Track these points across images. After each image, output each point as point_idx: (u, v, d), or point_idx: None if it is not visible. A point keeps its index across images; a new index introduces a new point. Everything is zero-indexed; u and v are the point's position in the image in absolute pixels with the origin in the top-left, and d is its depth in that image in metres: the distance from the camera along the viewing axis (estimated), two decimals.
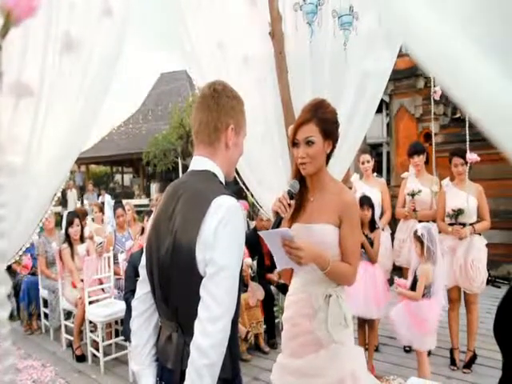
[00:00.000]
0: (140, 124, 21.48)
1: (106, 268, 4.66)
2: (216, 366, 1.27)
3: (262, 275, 4.79)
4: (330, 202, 1.85)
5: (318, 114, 1.82)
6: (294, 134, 1.85)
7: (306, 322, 1.88)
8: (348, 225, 1.82)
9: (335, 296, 1.84)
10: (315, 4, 2.34)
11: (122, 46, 2.32)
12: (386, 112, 9.68)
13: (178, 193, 1.46)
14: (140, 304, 1.58)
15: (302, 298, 1.91)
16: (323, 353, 1.84)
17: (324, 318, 1.82)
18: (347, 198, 1.86)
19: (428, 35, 0.47)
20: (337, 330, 1.82)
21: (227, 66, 3.16)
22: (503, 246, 6.39)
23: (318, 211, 1.87)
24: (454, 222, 3.83)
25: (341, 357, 1.84)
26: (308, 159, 1.82)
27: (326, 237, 1.83)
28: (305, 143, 1.82)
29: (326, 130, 1.82)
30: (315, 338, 1.85)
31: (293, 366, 1.93)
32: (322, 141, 1.82)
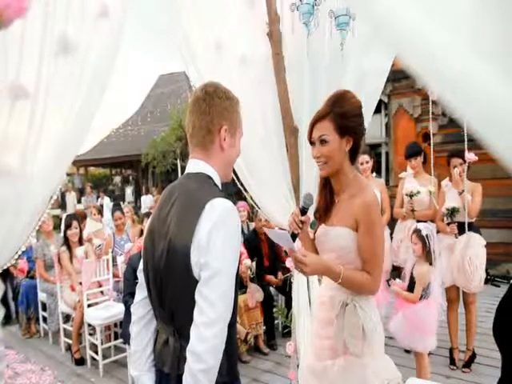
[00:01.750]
0: (139, 126, 21.47)
1: (104, 270, 4.65)
2: (212, 370, 1.26)
3: (262, 276, 4.78)
4: (348, 204, 1.75)
5: (334, 108, 1.70)
6: (311, 131, 1.76)
7: (326, 326, 1.83)
8: (364, 228, 1.69)
9: (352, 305, 1.73)
10: (311, 4, 2.33)
11: (119, 48, 2.31)
12: (384, 112, 9.67)
13: (173, 196, 1.45)
14: (139, 309, 1.57)
15: (325, 302, 1.86)
16: (338, 363, 1.77)
17: (341, 326, 1.74)
18: (365, 199, 1.70)
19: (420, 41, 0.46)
20: (352, 342, 1.71)
21: (225, 66, 3.15)
22: (502, 244, 6.39)
23: (338, 214, 1.79)
24: (451, 221, 3.83)
25: (353, 371, 1.74)
26: (323, 159, 1.73)
27: (341, 241, 1.74)
28: (319, 142, 1.73)
29: (343, 125, 1.70)
30: (334, 345, 1.79)
31: (317, 368, 1.88)
32: (338, 138, 1.71)
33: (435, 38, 0.45)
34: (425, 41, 0.46)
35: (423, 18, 0.45)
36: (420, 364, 3.18)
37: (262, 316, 4.47)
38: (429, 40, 0.46)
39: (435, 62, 0.46)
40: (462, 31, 0.45)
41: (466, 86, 0.44)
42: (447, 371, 3.78)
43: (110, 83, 2.26)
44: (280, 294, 4.97)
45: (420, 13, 0.46)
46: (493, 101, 0.42)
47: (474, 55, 0.44)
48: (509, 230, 6.81)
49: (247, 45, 3.24)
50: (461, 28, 0.45)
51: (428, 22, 0.46)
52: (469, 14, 0.44)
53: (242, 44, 3.22)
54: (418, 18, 0.46)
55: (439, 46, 0.45)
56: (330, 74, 2.91)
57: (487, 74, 0.43)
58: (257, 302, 4.39)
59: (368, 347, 1.73)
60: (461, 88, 0.44)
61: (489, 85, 0.42)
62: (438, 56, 0.45)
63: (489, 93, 0.42)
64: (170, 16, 2.93)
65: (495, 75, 0.42)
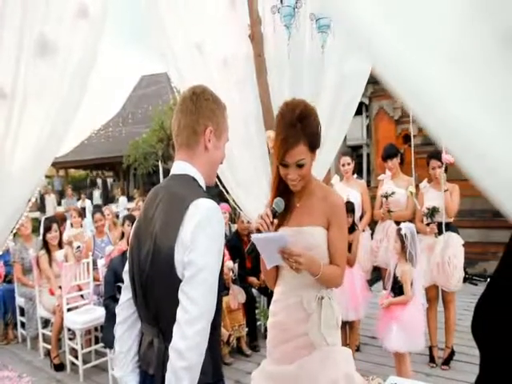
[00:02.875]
0: (120, 127, 21.23)
1: (85, 274, 4.57)
2: (194, 368, 1.26)
3: (244, 278, 4.78)
4: (318, 206, 1.84)
5: (304, 129, 1.71)
6: (283, 156, 1.74)
7: (298, 325, 1.86)
8: (336, 227, 1.82)
9: (327, 298, 1.84)
10: (292, 7, 2.34)
11: (99, 48, 2.29)
12: (365, 114, 9.78)
13: (158, 197, 1.46)
14: (124, 310, 1.56)
15: (294, 302, 1.88)
16: (316, 355, 1.82)
17: (317, 321, 1.82)
18: (335, 201, 1.85)
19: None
20: (329, 333, 1.83)
21: (207, 67, 3.15)
22: (480, 244, 6.52)
23: (307, 215, 1.85)
24: (431, 221, 3.90)
25: (334, 358, 1.83)
26: (299, 178, 1.79)
27: (315, 239, 1.82)
28: (295, 166, 1.75)
29: (313, 143, 1.76)
30: (308, 342, 1.84)
31: (284, 373, 1.89)
32: (310, 156, 1.77)
33: (409, 54, 0.46)
34: (398, 55, 0.47)
35: (400, 32, 0.46)
36: (401, 363, 3.22)
37: (244, 318, 4.47)
38: (404, 56, 0.46)
39: (408, 80, 0.47)
40: (439, 49, 0.46)
41: (430, 98, 0.45)
42: (427, 369, 3.83)
43: (90, 84, 2.23)
44: (262, 296, 4.97)
45: (397, 27, 0.47)
46: (467, 125, 0.43)
47: (452, 71, 0.45)
48: (486, 229, 6.96)
49: (229, 46, 3.25)
50: (438, 46, 0.46)
51: (404, 37, 0.47)
52: (447, 31, 0.45)
53: (224, 45, 3.23)
54: (394, 32, 0.47)
55: (414, 64, 0.46)
56: (311, 76, 2.93)
57: (463, 95, 0.44)
58: (239, 303, 4.39)
59: (338, 335, 1.90)
60: (431, 103, 0.45)
61: (465, 102, 0.43)
62: (412, 75, 0.46)
63: (464, 112, 0.43)
64: (152, 17, 2.92)
65: (472, 97, 0.43)
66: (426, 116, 0.48)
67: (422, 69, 0.46)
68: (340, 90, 3.11)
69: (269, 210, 1.78)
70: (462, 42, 0.44)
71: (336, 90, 3.10)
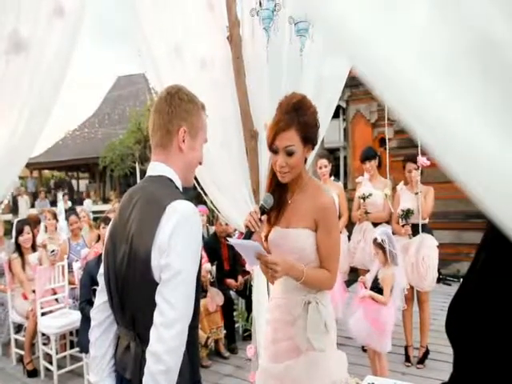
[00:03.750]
0: (96, 128, 20.94)
1: (59, 277, 4.48)
2: (172, 371, 1.25)
3: (222, 280, 4.77)
4: (307, 206, 1.80)
5: (298, 117, 1.70)
6: (273, 139, 1.74)
7: (285, 327, 1.85)
8: (324, 228, 1.77)
9: (314, 303, 1.79)
10: (271, 10, 2.36)
11: (75, 48, 2.24)
12: (342, 117, 9.89)
13: (134, 199, 1.44)
14: (99, 314, 1.54)
15: (282, 305, 1.88)
16: (301, 360, 1.80)
17: (303, 326, 1.78)
18: (323, 201, 1.78)
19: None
20: (316, 338, 1.77)
21: (185, 69, 3.13)
22: (453, 245, 6.68)
23: (296, 215, 1.82)
24: (405, 222, 3.97)
25: (319, 365, 1.80)
26: (287, 168, 1.75)
27: (301, 242, 1.79)
28: (285, 152, 1.73)
29: (307, 136, 1.73)
30: (294, 345, 1.82)
31: (274, 371, 1.89)
32: (301, 148, 1.74)
33: (381, 49, 0.47)
34: (373, 51, 0.48)
35: (373, 27, 0.47)
36: (377, 362, 3.27)
37: (222, 320, 4.46)
38: (375, 51, 0.47)
39: (384, 72, 0.47)
40: (413, 48, 0.47)
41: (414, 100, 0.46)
42: (403, 368, 3.91)
43: (64, 85, 2.18)
44: (240, 298, 4.97)
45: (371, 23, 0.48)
46: (448, 125, 0.44)
47: (421, 70, 0.46)
48: (459, 231, 7.13)
49: (207, 48, 3.24)
50: (412, 45, 0.47)
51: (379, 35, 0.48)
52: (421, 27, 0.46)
53: (202, 47, 3.21)
54: (369, 27, 0.48)
55: (386, 58, 0.47)
56: (289, 79, 2.95)
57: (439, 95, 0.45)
58: (217, 305, 4.37)
59: (329, 340, 1.83)
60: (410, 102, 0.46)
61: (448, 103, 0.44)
62: (385, 66, 0.47)
63: (447, 114, 0.44)
64: (129, 17, 2.89)
65: (448, 97, 0.44)
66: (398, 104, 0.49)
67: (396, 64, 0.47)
68: (318, 93, 3.13)
69: (257, 207, 1.79)
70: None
71: (314, 92, 3.12)
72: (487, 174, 0.42)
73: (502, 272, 0.82)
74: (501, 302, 0.81)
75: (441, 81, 0.44)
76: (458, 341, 0.96)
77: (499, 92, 0.41)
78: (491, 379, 0.85)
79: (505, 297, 0.81)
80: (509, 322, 0.80)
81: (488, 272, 0.87)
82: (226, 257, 4.94)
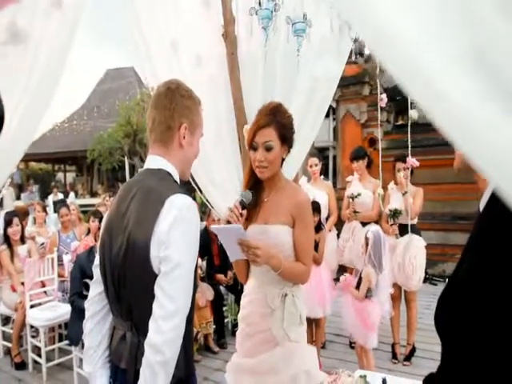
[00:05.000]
0: (84, 121, 20.70)
1: (49, 270, 4.46)
2: (170, 363, 1.28)
3: (212, 276, 4.80)
4: (284, 203, 1.89)
5: (276, 118, 1.84)
6: (253, 136, 1.86)
7: (261, 320, 1.91)
8: (301, 225, 1.87)
9: (291, 295, 1.89)
10: (271, 10, 2.39)
11: (73, 40, 2.24)
12: (332, 117, 9.95)
13: (132, 192, 1.46)
14: (93, 305, 1.56)
15: (258, 298, 1.94)
16: (278, 351, 1.87)
17: (280, 317, 1.86)
18: (300, 199, 1.91)
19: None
20: (292, 329, 1.87)
21: (180, 64, 3.15)
22: (439, 246, 6.78)
23: (273, 212, 1.90)
24: (393, 222, 4.04)
25: (295, 355, 1.88)
26: (266, 163, 1.85)
27: (281, 237, 1.87)
28: (264, 148, 1.83)
29: (284, 135, 1.85)
30: (270, 337, 1.89)
31: (248, 365, 1.96)
32: (279, 146, 1.85)
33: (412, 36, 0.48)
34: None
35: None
36: (364, 359, 3.33)
37: (211, 315, 4.48)
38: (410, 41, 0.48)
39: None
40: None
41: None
42: (389, 365, 3.98)
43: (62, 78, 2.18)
44: (230, 293, 5.00)
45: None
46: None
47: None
48: (445, 232, 7.24)
49: (202, 44, 3.26)
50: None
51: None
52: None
53: (198, 44, 3.23)
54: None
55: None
56: (284, 77, 2.98)
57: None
58: (207, 301, 4.40)
59: (303, 332, 1.95)
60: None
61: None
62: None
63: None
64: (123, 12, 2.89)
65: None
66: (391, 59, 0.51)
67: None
68: (312, 92, 3.18)
69: (237, 202, 1.84)
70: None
71: (308, 92, 3.16)
72: (482, 139, 0.45)
73: (488, 268, 0.86)
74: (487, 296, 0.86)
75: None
76: (445, 332, 1.01)
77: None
78: (477, 369, 0.89)
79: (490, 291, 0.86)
80: (494, 315, 0.85)
81: (475, 268, 0.91)
82: (217, 252, 4.96)
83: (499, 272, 0.84)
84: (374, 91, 7.86)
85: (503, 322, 0.84)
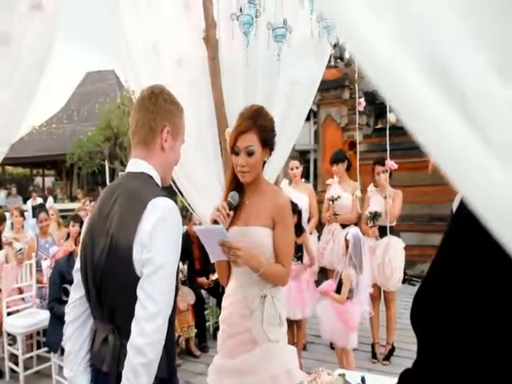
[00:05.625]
0: (64, 124, 20.40)
1: (27, 276, 4.38)
2: (153, 364, 1.29)
3: (193, 279, 4.79)
4: (265, 206, 1.91)
5: (258, 122, 1.86)
6: (235, 141, 1.88)
7: (242, 321, 1.94)
8: (281, 227, 1.90)
9: (270, 297, 1.91)
10: (252, 16, 2.42)
11: (53, 42, 2.23)
12: (313, 120, 10.05)
13: (114, 195, 1.46)
14: (74, 309, 1.55)
15: (239, 299, 1.96)
16: (258, 351, 1.89)
17: (260, 318, 1.89)
18: (280, 201, 1.94)
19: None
20: (272, 330, 1.90)
21: (161, 67, 3.15)
22: (418, 247, 6.88)
23: (254, 214, 1.93)
24: (373, 224, 4.11)
25: (275, 355, 1.90)
26: (247, 168, 1.87)
27: (261, 239, 1.90)
28: (245, 152, 1.85)
29: (265, 138, 1.87)
30: (251, 337, 1.91)
31: (228, 366, 1.97)
32: (260, 150, 1.87)
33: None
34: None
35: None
36: (343, 360, 3.37)
37: (193, 319, 4.47)
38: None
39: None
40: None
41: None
42: (369, 364, 4.03)
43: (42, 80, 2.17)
44: (211, 297, 4.99)
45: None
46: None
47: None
48: (424, 233, 7.37)
49: (183, 48, 3.27)
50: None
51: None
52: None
53: (178, 47, 3.24)
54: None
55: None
56: (265, 82, 3.02)
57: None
58: (188, 304, 4.39)
59: (283, 332, 1.97)
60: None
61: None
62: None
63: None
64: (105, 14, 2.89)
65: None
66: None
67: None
68: (292, 96, 3.22)
69: (225, 203, 1.87)
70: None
71: (289, 96, 3.20)
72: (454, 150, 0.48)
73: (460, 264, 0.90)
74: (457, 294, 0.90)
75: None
76: (420, 330, 1.05)
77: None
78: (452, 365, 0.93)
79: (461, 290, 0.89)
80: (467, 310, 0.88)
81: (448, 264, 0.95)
82: (198, 256, 4.95)
83: (469, 271, 0.88)
84: (354, 95, 7.94)
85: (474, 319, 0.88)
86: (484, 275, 0.86)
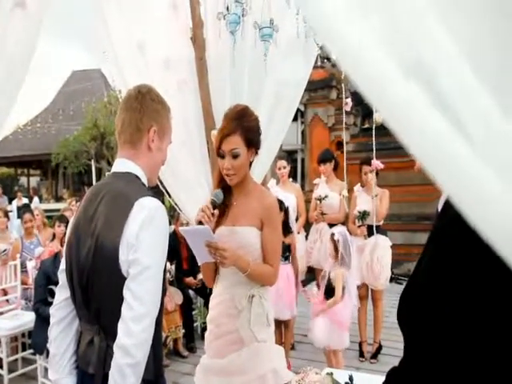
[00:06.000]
0: (49, 123, 20.14)
1: (11, 277, 4.32)
2: (140, 365, 1.28)
3: (180, 279, 4.77)
4: (253, 206, 1.91)
5: (242, 123, 1.85)
6: (220, 144, 1.87)
7: (229, 321, 1.93)
8: (269, 227, 1.90)
9: (258, 296, 1.91)
10: (239, 15, 2.41)
11: (38, 40, 2.20)
12: (301, 120, 10.08)
13: (100, 195, 1.45)
14: (59, 310, 1.53)
15: (226, 299, 1.96)
16: (245, 351, 1.89)
17: (247, 318, 1.89)
18: (269, 202, 1.94)
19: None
20: (259, 330, 1.90)
21: (148, 67, 3.13)
22: (405, 246, 6.94)
23: (241, 215, 1.93)
24: (362, 223, 4.14)
25: (262, 355, 1.90)
26: (233, 171, 1.86)
27: (249, 239, 1.90)
28: (230, 155, 1.84)
29: (250, 139, 1.86)
30: (238, 337, 1.91)
31: (216, 366, 1.97)
32: (246, 151, 1.86)
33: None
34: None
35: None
36: (332, 359, 3.39)
37: (181, 319, 4.45)
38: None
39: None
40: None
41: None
42: (357, 363, 4.06)
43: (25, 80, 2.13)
44: (199, 297, 4.98)
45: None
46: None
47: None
48: (411, 232, 7.44)
49: (170, 48, 3.25)
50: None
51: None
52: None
53: (165, 47, 3.22)
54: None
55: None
56: (252, 82, 3.01)
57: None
58: (176, 304, 4.37)
59: (270, 332, 1.98)
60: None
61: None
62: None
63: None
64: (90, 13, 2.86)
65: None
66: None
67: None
68: (279, 95, 3.22)
69: (209, 203, 1.86)
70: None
71: (276, 95, 3.20)
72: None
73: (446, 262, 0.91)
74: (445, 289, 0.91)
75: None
76: (406, 327, 1.06)
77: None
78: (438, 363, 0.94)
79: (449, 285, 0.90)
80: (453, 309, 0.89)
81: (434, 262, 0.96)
82: (185, 256, 4.93)
83: (453, 270, 0.89)
84: (341, 95, 7.99)
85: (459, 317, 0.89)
86: (469, 274, 0.87)
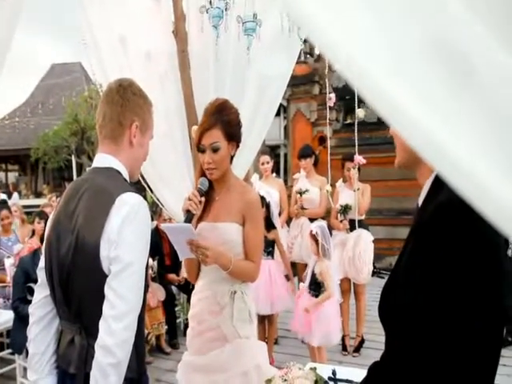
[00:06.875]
0: (28, 118, 19.74)
1: None
2: (122, 364, 1.26)
3: (163, 276, 4.74)
4: (235, 202, 1.91)
5: (221, 117, 1.84)
6: (199, 139, 1.86)
7: (211, 318, 1.92)
8: (251, 223, 1.90)
9: (240, 292, 1.90)
10: (222, 9, 2.39)
11: (14, 32, 2.14)
12: (283, 115, 10.10)
13: (80, 191, 1.42)
14: (38, 309, 1.50)
15: (208, 296, 1.95)
16: (228, 348, 1.89)
17: (230, 314, 1.88)
18: (250, 198, 1.93)
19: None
20: (242, 326, 1.89)
21: (129, 60, 3.08)
22: (386, 240, 7.04)
23: (223, 210, 1.92)
24: (343, 218, 4.17)
25: (245, 351, 1.90)
26: (214, 165, 1.85)
27: (230, 235, 1.89)
28: (210, 149, 1.84)
29: (230, 132, 1.86)
30: (220, 334, 1.90)
31: (198, 363, 1.96)
32: (226, 145, 1.86)
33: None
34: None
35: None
36: (315, 354, 3.40)
37: (163, 315, 4.43)
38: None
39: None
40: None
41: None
42: (340, 357, 4.10)
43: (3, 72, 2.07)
44: (182, 293, 4.96)
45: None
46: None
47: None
48: (392, 227, 7.54)
49: (152, 40, 3.21)
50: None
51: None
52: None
53: (147, 39, 3.18)
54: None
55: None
56: (235, 76, 2.99)
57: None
58: (158, 301, 4.34)
59: (253, 328, 1.97)
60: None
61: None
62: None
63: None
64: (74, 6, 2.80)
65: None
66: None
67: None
68: (262, 90, 3.20)
69: (195, 191, 1.85)
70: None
71: (259, 90, 3.19)
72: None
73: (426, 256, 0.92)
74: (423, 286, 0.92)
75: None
76: (387, 321, 1.07)
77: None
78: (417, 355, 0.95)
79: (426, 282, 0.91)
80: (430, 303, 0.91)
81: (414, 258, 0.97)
82: (168, 252, 4.90)
83: (433, 263, 0.90)
84: (323, 90, 8.05)
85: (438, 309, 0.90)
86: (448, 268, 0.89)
